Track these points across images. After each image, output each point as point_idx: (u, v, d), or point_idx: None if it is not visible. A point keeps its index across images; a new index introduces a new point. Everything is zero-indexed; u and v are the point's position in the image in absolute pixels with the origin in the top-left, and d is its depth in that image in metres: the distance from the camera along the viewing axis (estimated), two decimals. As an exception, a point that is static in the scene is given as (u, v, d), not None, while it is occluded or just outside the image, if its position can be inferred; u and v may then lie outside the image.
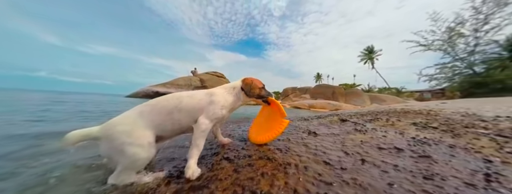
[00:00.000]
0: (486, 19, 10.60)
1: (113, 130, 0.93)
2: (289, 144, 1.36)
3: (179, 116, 1.05)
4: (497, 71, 10.41)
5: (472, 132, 1.26)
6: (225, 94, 1.22)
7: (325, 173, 0.89)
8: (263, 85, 1.34)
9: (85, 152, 1.40)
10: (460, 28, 11.45)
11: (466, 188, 0.65)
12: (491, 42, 10.94)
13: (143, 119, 1.00)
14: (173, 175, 0.97)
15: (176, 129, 1.08)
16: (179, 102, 1.07)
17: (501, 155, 0.88)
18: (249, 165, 1.01)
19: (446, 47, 11.96)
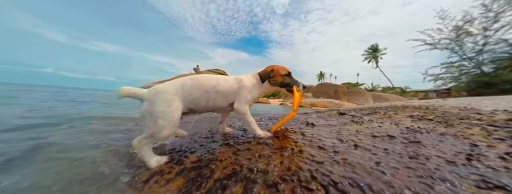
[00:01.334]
0: (496, 17, 10.24)
1: (157, 96, 1.03)
2: (287, 133, 1.42)
3: (215, 95, 1.17)
4: (506, 71, 10.12)
5: (466, 122, 1.29)
6: (252, 80, 1.27)
7: (318, 155, 0.95)
8: (288, 73, 1.25)
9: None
10: (469, 27, 11.12)
11: (447, 165, 0.70)
12: (501, 41, 10.58)
13: (184, 91, 1.10)
14: (176, 159, 1.06)
15: (209, 106, 1.19)
16: (217, 84, 1.18)
17: (488, 140, 0.92)
18: (247, 149, 1.08)
19: (453, 46, 11.64)
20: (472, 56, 11.33)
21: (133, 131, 2.36)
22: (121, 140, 1.88)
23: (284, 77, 1.24)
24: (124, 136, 2.08)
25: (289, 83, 1.25)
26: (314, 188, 0.66)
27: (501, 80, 9.82)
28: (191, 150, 1.19)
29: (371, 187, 0.63)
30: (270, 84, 1.26)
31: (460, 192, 0.54)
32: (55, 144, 1.87)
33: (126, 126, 2.68)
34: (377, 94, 19.75)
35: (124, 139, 1.94)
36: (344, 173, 0.73)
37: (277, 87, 1.27)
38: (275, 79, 1.23)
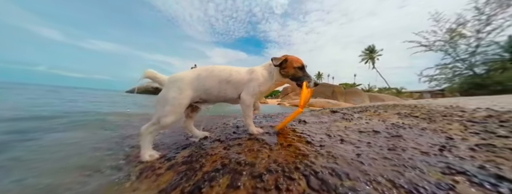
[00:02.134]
0: (488, 20, 10.50)
1: (173, 84, 1.13)
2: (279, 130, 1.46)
3: (226, 87, 1.19)
4: (497, 72, 10.39)
5: (447, 119, 1.35)
6: (262, 70, 1.23)
7: (305, 149, 0.99)
8: (301, 65, 1.16)
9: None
10: (462, 29, 11.38)
11: (420, 155, 0.75)
12: (493, 43, 10.86)
13: (199, 81, 1.16)
14: (168, 155, 1.08)
15: (220, 97, 1.22)
16: (230, 75, 1.20)
17: (463, 134, 0.97)
18: (238, 144, 1.12)
19: (447, 48, 11.89)
20: (465, 58, 11.59)
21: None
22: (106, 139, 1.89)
23: (296, 70, 1.15)
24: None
25: (301, 78, 1.16)
26: (296, 177, 0.69)
27: (493, 81, 10.08)
28: (183, 146, 1.22)
29: (348, 175, 0.67)
30: (282, 75, 1.18)
31: (426, 178, 0.59)
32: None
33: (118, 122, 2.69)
34: (373, 94, 20.02)
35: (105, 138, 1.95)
36: (325, 164, 0.77)
37: (288, 79, 1.19)
38: (287, 71, 1.16)
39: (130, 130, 2.17)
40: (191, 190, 0.69)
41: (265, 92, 1.26)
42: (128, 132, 2.08)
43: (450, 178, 0.57)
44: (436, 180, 0.57)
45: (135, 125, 2.46)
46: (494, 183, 0.52)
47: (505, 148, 0.73)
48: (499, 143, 0.79)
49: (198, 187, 0.70)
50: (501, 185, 0.51)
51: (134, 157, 1.16)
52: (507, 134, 0.90)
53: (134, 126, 2.38)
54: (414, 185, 0.56)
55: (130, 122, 2.73)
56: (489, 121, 1.15)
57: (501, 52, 10.94)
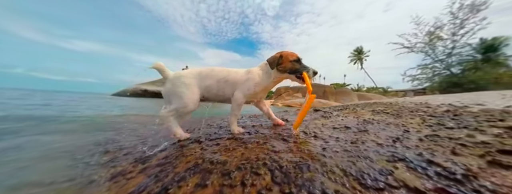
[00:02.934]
0: (461, 24, 11.41)
1: (179, 79, 1.21)
2: (259, 128, 1.50)
3: (224, 85, 1.25)
4: (471, 72, 11.28)
5: (412, 114, 1.46)
6: (259, 71, 1.26)
7: (279, 145, 1.03)
8: (297, 58, 1.17)
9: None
10: (439, 32, 12.25)
11: (375, 146, 0.82)
12: (466, 45, 11.80)
13: (200, 78, 1.24)
14: (142, 158, 1.07)
15: (219, 95, 1.28)
16: (227, 74, 1.26)
17: (419, 127, 1.07)
18: (216, 144, 1.14)
19: (427, 50, 12.74)
20: (443, 59, 12.47)
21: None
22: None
23: (293, 63, 1.16)
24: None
25: (299, 69, 1.16)
26: (262, 173, 0.73)
27: (467, 80, 10.92)
28: (160, 148, 1.22)
29: (309, 168, 0.72)
30: (279, 71, 1.20)
31: (373, 166, 0.65)
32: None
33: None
34: (362, 94, 20.83)
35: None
36: (292, 159, 0.82)
37: (286, 74, 1.20)
38: (284, 66, 1.17)
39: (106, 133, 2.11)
40: (158, 192, 0.70)
41: (262, 92, 1.30)
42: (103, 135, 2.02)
43: (392, 165, 0.64)
44: (381, 167, 0.63)
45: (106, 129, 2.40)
46: (424, 167, 0.59)
47: (446, 138, 0.82)
48: (443, 134, 0.88)
49: (165, 188, 0.70)
50: (429, 169, 0.58)
51: (106, 161, 1.13)
52: (454, 125, 1.01)
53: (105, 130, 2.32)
54: (361, 173, 0.62)
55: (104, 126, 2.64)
56: (445, 115, 1.27)
57: (474, 54, 11.93)
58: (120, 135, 1.88)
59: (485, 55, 11.76)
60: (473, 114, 1.24)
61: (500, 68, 11.18)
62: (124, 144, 1.46)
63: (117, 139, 1.69)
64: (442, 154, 0.66)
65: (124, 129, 2.18)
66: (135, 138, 1.66)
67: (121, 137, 1.77)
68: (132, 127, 2.43)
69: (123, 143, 1.49)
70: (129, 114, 4.02)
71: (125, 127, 2.37)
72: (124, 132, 2.00)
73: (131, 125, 2.60)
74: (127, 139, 1.67)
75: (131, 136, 1.80)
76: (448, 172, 0.54)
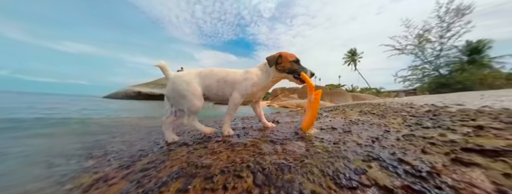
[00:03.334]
0: (448, 27, 11.97)
1: (179, 79, 1.24)
2: (249, 130, 1.51)
3: (223, 85, 1.27)
4: (458, 73, 11.79)
5: (396, 114, 1.52)
6: (257, 71, 1.29)
7: (265, 147, 1.04)
8: (296, 59, 1.21)
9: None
10: (428, 35, 12.78)
11: (354, 146, 0.85)
12: (453, 47, 12.37)
13: (200, 77, 1.28)
14: (126, 164, 1.05)
15: (219, 95, 1.31)
16: (226, 74, 1.29)
17: (399, 127, 1.12)
18: (204, 147, 1.14)
19: (417, 51, 13.24)
20: (432, 60, 12.99)
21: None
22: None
23: (292, 64, 1.20)
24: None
25: (297, 70, 1.21)
26: (244, 175, 0.74)
27: (455, 81, 11.40)
28: (147, 152, 1.21)
29: (290, 169, 0.73)
30: (278, 71, 1.23)
31: (349, 165, 0.68)
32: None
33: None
34: (356, 94, 21.26)
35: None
36: (275, 160, 0.83)
37: (284, 74, 1.24)
38: (283, 65, 1.21)
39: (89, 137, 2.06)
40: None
41: (261, 91, 1.31)
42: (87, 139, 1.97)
43: (367, 164, 0.66)
44: (356, 166, 0.66)
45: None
46: (395, 166, 0.62)
47: (421, 137, 0.86)
48: (419, 133, 0.93)
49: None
50: (399, 167, 0.61)
51: (88, 167, 1.11)
52: (430, 125, 1.06)
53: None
54: (338, 173, 0.64)
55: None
56: (425, 115, 1.33)
57: (460, 55, 12.52)
58: (106, 138, 1.84)
59: (470, 57, 12.35)
60: (451, 114, 1.31)
61: (484, 69, 11.75)
62: (110, 149, 1.43)
63: (103, 143, 1.66)
64: (413, 152, 0.69)
65: (111, 132, 2.14)
66: (121, 141, 1.63)
67: (107, 141, 1.73)
68: (120, 130, 2.38)
69: (109, 147, 1.46)
70: (116, 117, 3.94)
71: (112, 130, 2.32)
72: (111, 135, 1.96)
73: (119, 128, 2.55)
74: (113, 143, 1.64)
75: (118, 140, 1.77)
76: (415, 170, 0.57)
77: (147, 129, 2.38)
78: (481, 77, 10.85)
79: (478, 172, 0.51)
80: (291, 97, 23.55)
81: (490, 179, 0.48)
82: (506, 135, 0.72)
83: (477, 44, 12.51)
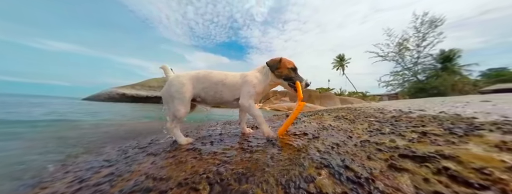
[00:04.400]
0: (423, 37, 13.11)
1: (175, 79, 1.27)
2: (225, 137, 1.50)
3: (222, 88, 1.27)
4: (433, 79, 12.85)
5: (365, 120, 1.60)
6: (256, 74, 1.30)
7: (234, 155, 1.04)
8: (294, 67, 1.23)
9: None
10: (406, 43, 13.86)
11: (314, 153, 0.89)
12: (428, 55, 13.52)
13: (197, 79, 1.27)
14: (81, 176, 0.97)
15: (217, 98, 1.31)
16: (225, 78, 1.29)
17: (362, 133, 1.19)
18: (172, 156, 1.10)
19: (398, 58, 14.25)
20: (410, 67, 14.02)
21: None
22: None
23: (289, 71, 1.22)
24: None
25: (293, 78, 1.23)
26: (201, 188, 0.72)
27: (430, 86, 12.38)
28: (110, 163, 1.14)
29: (248, 179, 0.74)
30: (275, 76, 1.25)
31: (303, 173, 0.70)
32: None
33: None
34: (344, 98, 22.13)
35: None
36: (237, 170, 0.83)
37: (281, 80, 1.26)
38: (281, 71, 1.22)
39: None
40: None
41: (261, 93, 1.32)
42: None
43: (318, 172, 0.69)
44: (308, 174, 0.69)
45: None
46: (341, 173, 0.66)
47: (374, 143, 0.92)
48: (375, 139, 0.99)
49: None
50: (343, 174, 0.65)
51: (37, 182, 1.01)
52: (388, 130, 1.13)
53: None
54: (290, 181, 0.66)
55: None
56: (389, 121, 1.42)
57: (435, 63, 13.71)
58: (69, 146, 1.72)
59: (443, 65, 13.57)
60: (410, 119, 1.42)
61: (455, 76, 12.93)
62: (73, 159, 1.33)
63: (63, 150, 1.54)
64: (360, 159, 0.74)
65: (82, 139, 2.00)
66: (83, 149, 1.53)
67: (68, 149, 1.62)
68: (85, 136, 2.23)
69: (72, 157, 1.36)
70: (85, 120, 3.70)
71: (77, 136, 2.17)
72: (74, 143, 1.83)
73: (85, 134, 2.39)
74: (74, 151, 1.54)
75: (80, 147, 1.66)
76: (356, 177, 0.61)
77: (127, 134, 2.26)
78: (453, 83, 11.90)
79: (406, 177, 0.56)
80: (282, 99, 23.87)
81: (414, 184, 0.52)
82: (440, 141, 0.80)
83: (449, 53, 13.81)
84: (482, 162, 0.56)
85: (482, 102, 1.95)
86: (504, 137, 0.77)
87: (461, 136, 0.84)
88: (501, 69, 26.91)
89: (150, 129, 2.48)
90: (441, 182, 0.51)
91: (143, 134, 2.10)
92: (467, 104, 1.87)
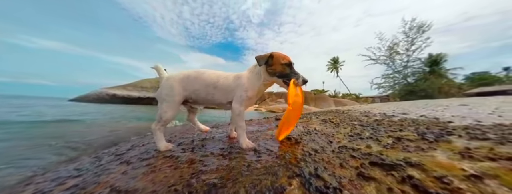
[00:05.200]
0: (412, 41, 13.67)
1: (166, 82, 1.25)
2: (208, 142, 1.45)
3: (213, 91, 1.22)
4: (422, 82, 13.38)
5: (349, 123, 1.62)
6: (248, 75, 1.19)
7: (212, 162, 1.00)
8: (288, 62, 1.06)
9: None
10: (396, 47, 14.40)
11: (291, 159, 0.87)
12: (417, 59, 14.09)
13: (188, 81, 1.24)
14: (43, 189, 0.90)
15: (208, 100, 1.27)
16: (217, 80, 1.22)
17: (343, 137, 1.19)
18: (147, 165, 1.04)
19: (388, 62, 14.76)
20: (400, 70, 14.55)
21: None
22: None
23: (283, 67, 1.06)
24: None
25: (288, 74, 1.06)
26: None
27: (419, 89, 12.86)
28: (79, 172, 1.08)
29: (218, 191, 0.71)
30: (268, 74, 1.10)
31: (275, 183, 0.68)
32: None
33: None
34: (338, 100, 22.54)
35: None
36: (209, 180, 0.79)
37: (275, 78, 1.11)
38: (274, 68, 1.07)
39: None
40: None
41: (255, 96, 1.19)
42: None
43: (289, 182, 0.68)
44: (279, 184, 0.67)
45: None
46: (311, 183, 0.64)
47: (350, 149, 0.92)
48: (353, 145, 0.99)
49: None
50: (313, 184, 0.63)
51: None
52: (368, 135, 1.14)
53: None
54: (260, 192, 0.64)
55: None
56: (371, 125, 1.44)
57: (423, 66, 14.31)
58: (37, 152, 1.62)
59: (431, 68, 14.19)
60: (390, 123, 1.44)
61: (442, 79, 13.52)
62: (34, 166, 1.25)
63: (28, 155, 1.44)
64: (333, 167, 0.73)
65: (41, 146, 1.88)
66: (55, 156, 1.44)
67: (36, 154, 1.52)
68: (70, 140, 2.12)
69: (33, 163, 1.28)
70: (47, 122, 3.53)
71: (64, 139, 2.05)
72: (40, 149, 1.73)
73: (50, 138, 2.26)
74: (45, 158, 1.44)
75: (50, 154, 1.56)
76: (325, 187, 0.60)
77: (105, 139, 2.17)
78: (440, 86, 12.42)
79: (372, 186, 0.55)
80: (278, 101, 23.97)
81: (379, 193, 0.52)
82: (411, 147, 0.81)
83: (436, 57, 14.45)
84: (444, 170, 0.57)
85: (460, 105, 2.03)
86: (469, 143, 0.79)
87: (431, 141, 0.86)
88: (483, 73, 28.52)
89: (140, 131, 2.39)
90: (404, 191, 0.51)
91: (130, 138, 2.01)
92: (446, 108, 1.94)
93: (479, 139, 0.81)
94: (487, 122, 1.22)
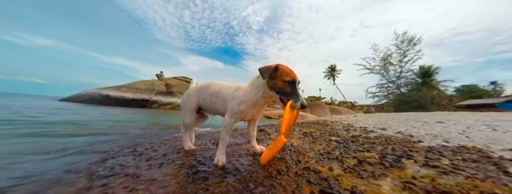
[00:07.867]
0: (404, 53, 14.17)
1: (187, 91, 1.50)
2: (181, 155, 1.43)
3: (215, 100, 1.29)
4: (414, 92, 13.70)
5: (327, 139, 1.62)
6: (247, 88, 1.12)
7: (170, 184, 0.94)
8: (292, 80, 0.93)
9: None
10: (390, 59, 14.87)
11: (251, 183, 0.87)
12: (409, 70, 14.54)
13: (200, 91, 1.40)
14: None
15: (212, 109, 1.35)
16: (219, 90, 1.28)
17: (314, 156, 1.19)
18: (103, 185, 1.00)
19: (383, 72, 15.16)
20: (394, 80, 14.93)
21: None
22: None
23: (285, 84, 0.94)
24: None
25: (288, 94, 0.94)
26: None
27: (412, 99, 13.13)
28: (49, 187, 1.03)
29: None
30: (269, 87, 0.99)
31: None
32: None
33: None
34: (334, 107, 22.71)
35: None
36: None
37: (273, 93, 1.00)
38: (276, 82, 0.96)
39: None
40: None
41: (250, 110, 1.09)
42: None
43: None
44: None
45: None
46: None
47: (312, 171, 0.92)
48: (317, 166, 0.99)
49: None
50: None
51: None
52: (337, 154, 1.15)
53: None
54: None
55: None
56: (347, 141, 1.45)
57: (415, 78, 14.74)
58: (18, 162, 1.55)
59: (423, 80, 14.62)
60: (365, 140, 1.45)
61: (434, 90, 13.89)
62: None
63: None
64: (286, 193, 0.73)
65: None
66: (19, 169, 1.38)
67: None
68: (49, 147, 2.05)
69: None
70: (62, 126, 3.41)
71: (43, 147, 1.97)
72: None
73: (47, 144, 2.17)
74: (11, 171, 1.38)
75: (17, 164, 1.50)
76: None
77: (79, 148, 2.11)
78: (432, 97, 12.72)
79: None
80: (274, 106, 23.99)
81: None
82: (367, 172, 0.82)
83: (428, 69, 14.93)
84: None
85: (437, 122, 2.07)
86: (419, 170, 0.80)
87: (387, 167, 0.87)
88: (472, 86, 29.51)
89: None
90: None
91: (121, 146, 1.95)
92: (424, 124, 1.97)
93: (430, 166, 0.82)
94: (454, 143, 1.24)
